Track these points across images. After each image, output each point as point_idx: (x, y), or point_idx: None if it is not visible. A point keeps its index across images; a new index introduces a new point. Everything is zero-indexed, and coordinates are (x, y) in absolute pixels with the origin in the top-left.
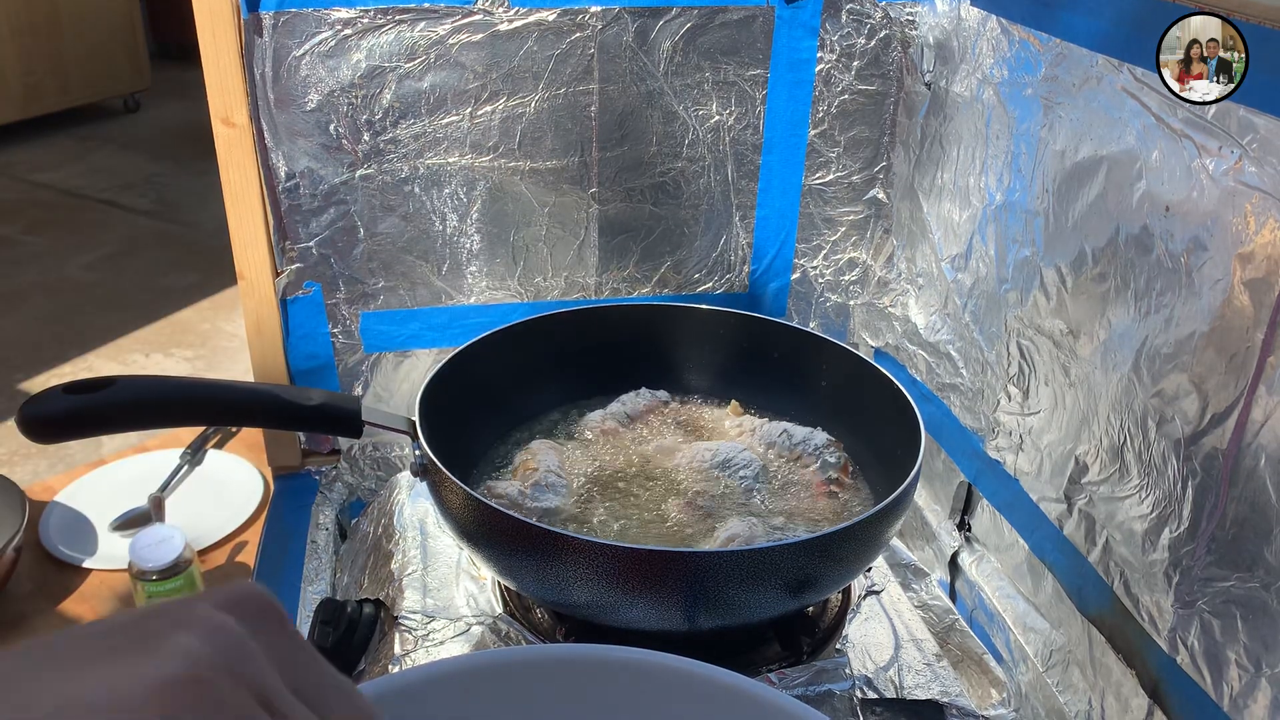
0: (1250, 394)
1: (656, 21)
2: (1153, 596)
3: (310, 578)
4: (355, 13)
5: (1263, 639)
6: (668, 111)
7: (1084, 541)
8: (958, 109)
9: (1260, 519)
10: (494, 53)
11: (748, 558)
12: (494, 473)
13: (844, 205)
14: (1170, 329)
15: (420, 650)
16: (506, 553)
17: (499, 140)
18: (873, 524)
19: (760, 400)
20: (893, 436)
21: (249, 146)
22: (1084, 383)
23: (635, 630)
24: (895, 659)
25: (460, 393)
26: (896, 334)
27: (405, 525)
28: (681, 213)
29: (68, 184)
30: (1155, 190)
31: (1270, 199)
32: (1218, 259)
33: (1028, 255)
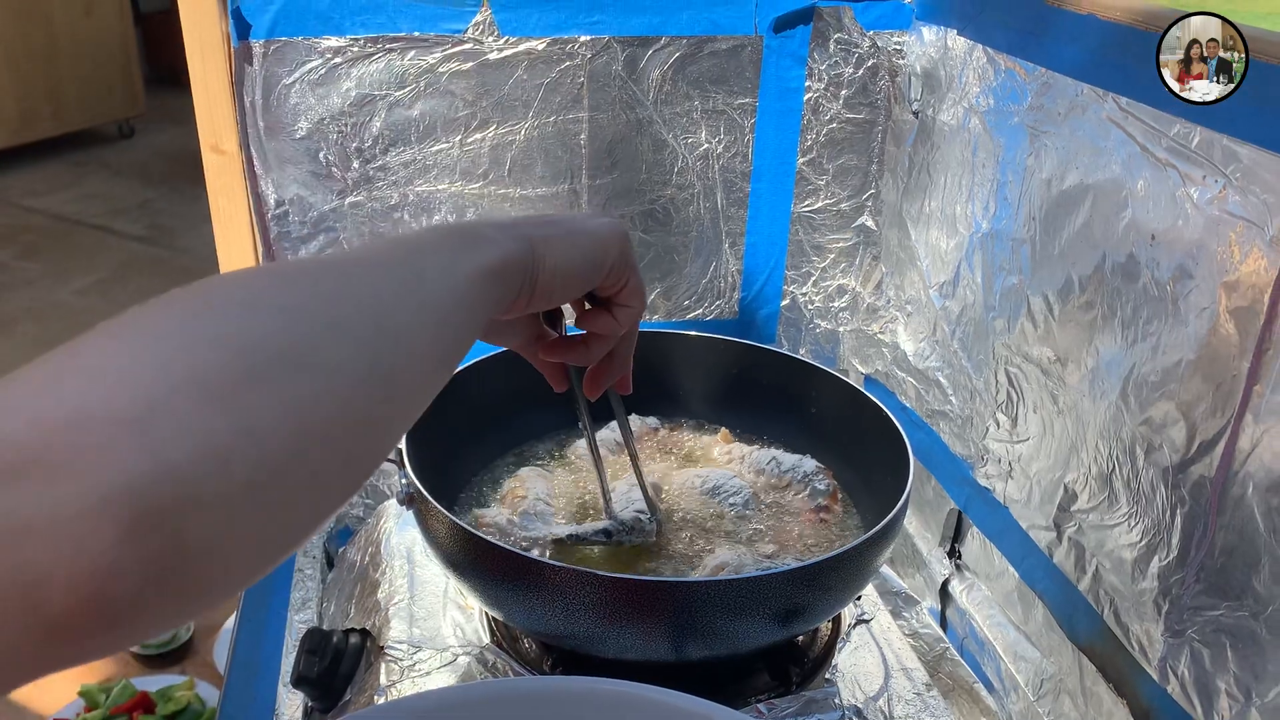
0: (1237, 422)
1: (646, 51)
2: (1143, 625)
3: (297, 606)
4: (345, 41)
5: (1252, 668)
6: (657, 140)
7: (1074, 570)
8: (945, 137)
9: (1248, 548)
10: (484, 81)
11: (736, 587)
12: (482, 499)
13: (833, 232)
14: (1157, 357)
15: (406, 681)
16: (492, 582)
17: (489, 168)
18: (861, 552)
19: (750, 426)
20: (882, 464)
21: (239, 174)
22: (1072, 410)
23: (623, 661)
24: (885, 689)
25: (448, 420)
26: (886, 361)
27: (392, 554)
28: (671, 240)
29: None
30: (1141, 219)
31: (1254, 227)
32: (1203, 287)
33: (1015, 283)
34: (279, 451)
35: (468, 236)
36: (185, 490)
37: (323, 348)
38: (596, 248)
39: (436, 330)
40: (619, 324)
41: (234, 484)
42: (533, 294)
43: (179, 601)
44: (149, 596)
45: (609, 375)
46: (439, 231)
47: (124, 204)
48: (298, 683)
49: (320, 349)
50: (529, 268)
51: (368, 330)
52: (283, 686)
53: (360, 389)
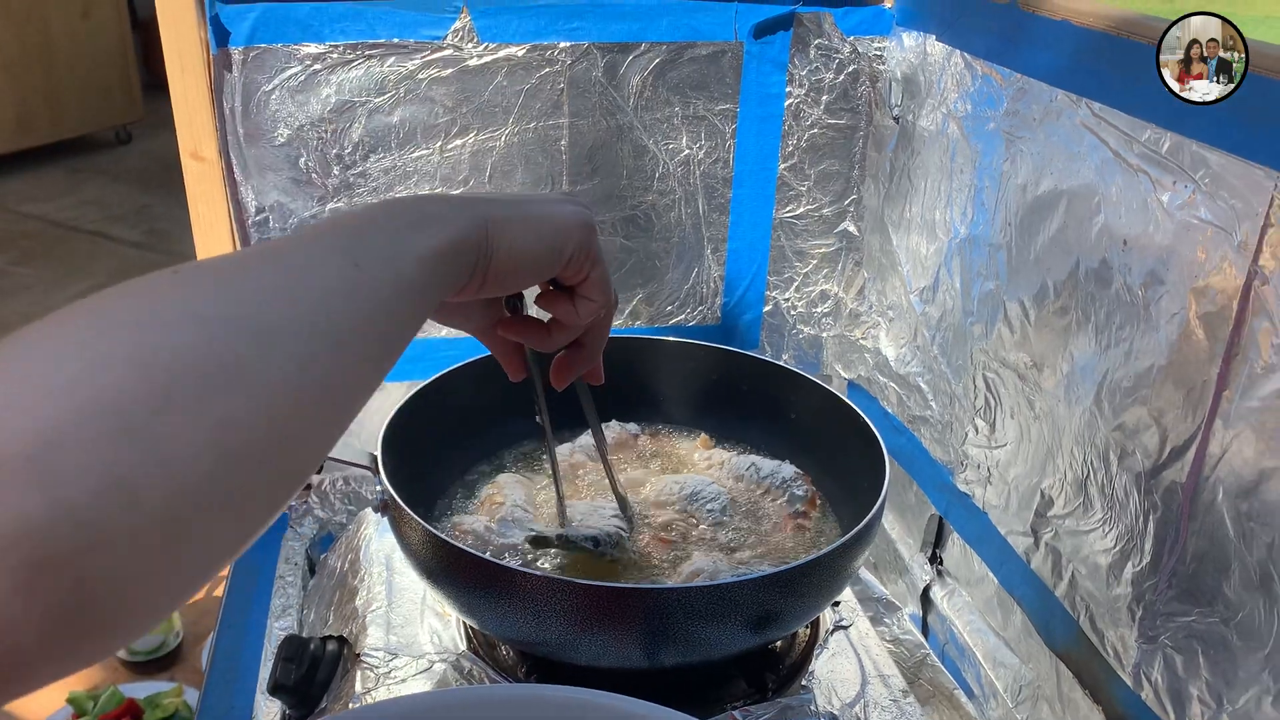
0: (1208, 428)
1: (626, 57)
2: (1117, 631)
3: (277, 613)
4: (325, 48)
5: (1224, 675)
6: (638, 145)
7: (1051, 575)
8: (924, 143)
9: (1219, 553)
10: (464, 87)
11: (709, 593)
12: (461, 507)
13: (815, 238)
14: (1130, 362)
15: (381, 688)
16: (465, 589)
17: (469, 174)
18: (835, 558)
19: (730, 432)
20: (861, 470)
21: (219, 180)
22: (1048, 416)
23: (599, 668)
24: (862, 695)
25: (427, 427)
26: (869, 366)
27: (371, 561)
28: (653, 245)
29: (58, 215)
30: (1113, 224)
31: (1222, 233)
32: (1174, 293)
33: (991, 289)
34: (197, 479)
35: (415, 214)
36: (87, 531)
37: (248, 360)
38: (557, 235)
39: (379, 323)
40: (578, 315)
41: (143, 519)
42: (485, 278)
43: (87, 645)
44: (51, 646)
45: (577, 365)
46: (385, 209)
47: (121, 209)
48: (274, 690)
49: (246, 362)
50: (482, 250)
51: (300, 335)
52: (261, 694)
53: (292, 402)
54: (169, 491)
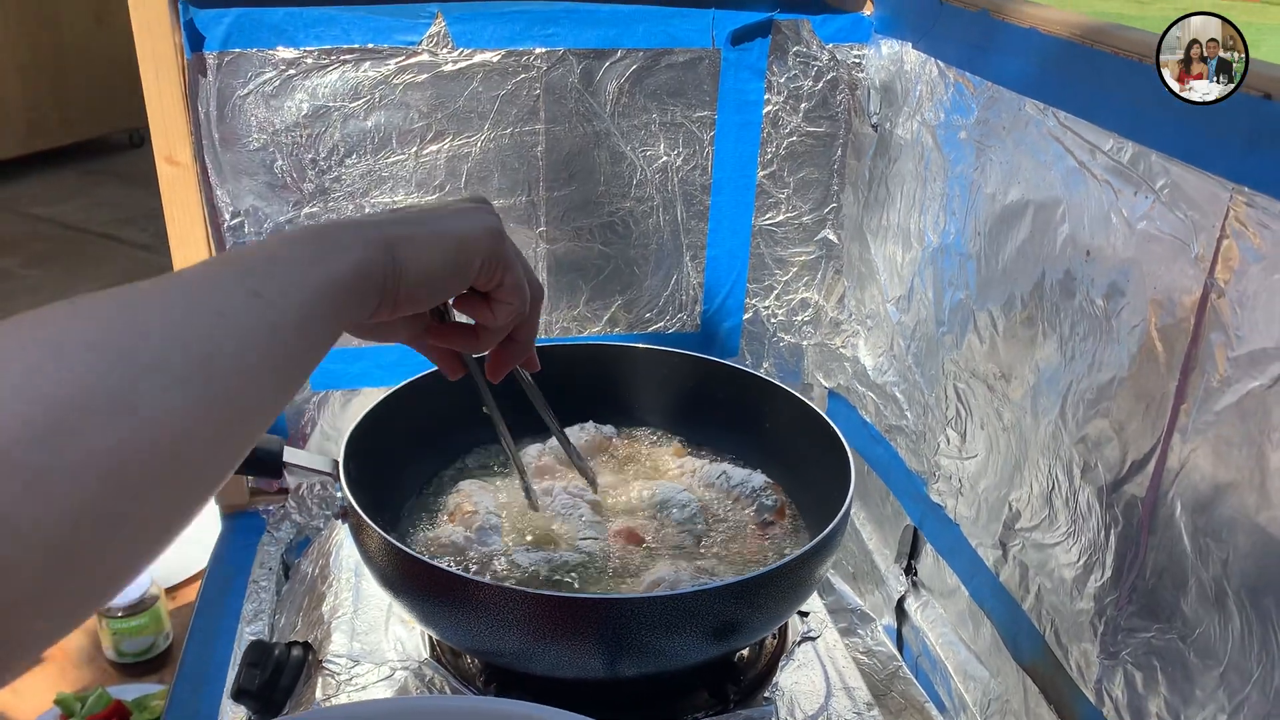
0: (1166, 442)
1: (602, 63)
2: (1080, 646)
3: (249, 618)
4: (299, 53)
5: (1181, 692)
6: (615, 152)
7: (1018, 589)
8: (901, 151)
9: (1177, 569)
10: (439, 93)
11: (666, 604)
12: (427, 515)
13: (795, 246)
14: (1093, 374)
15: (342, 695)
16: (422, 599)
17: (445, 179)
18: (796, 568)
19: (705, 440)
20: (831, 481)
21: (193, 185)
22: (1016, 428)
23: (558, 678)
24: (825, 708)
25: (396, 433)
26: (848, 375)
27: (341, 567)
28: (631, 252)
29: (69, 218)
30: (1077, 235)
31: (1180, 244)
32: (1135, 304)
33: (962, 298)
34: (82, 511)
35: (316, 244)
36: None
37: (141, 390)
38: (461, 249)
39: (277, 352)
40: (496, 318)
41: (22, 549)
42: (396, 299)
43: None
44: None
45: (510, 359)
46: (289, 239)
47: (132, 213)
48: (238, 695)
49: (138, 392)
50: (388, 274)
51: (195, 364)
52: (228, 699)
53: (183, 430)
54: (50, 521)
